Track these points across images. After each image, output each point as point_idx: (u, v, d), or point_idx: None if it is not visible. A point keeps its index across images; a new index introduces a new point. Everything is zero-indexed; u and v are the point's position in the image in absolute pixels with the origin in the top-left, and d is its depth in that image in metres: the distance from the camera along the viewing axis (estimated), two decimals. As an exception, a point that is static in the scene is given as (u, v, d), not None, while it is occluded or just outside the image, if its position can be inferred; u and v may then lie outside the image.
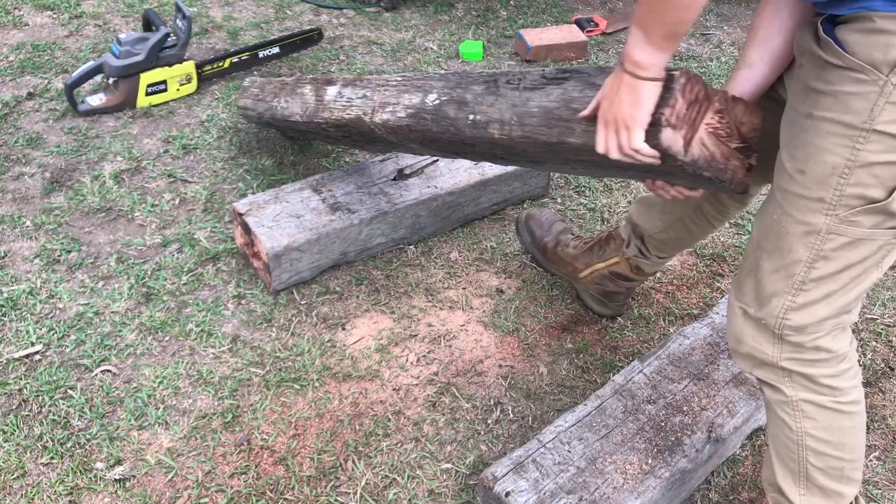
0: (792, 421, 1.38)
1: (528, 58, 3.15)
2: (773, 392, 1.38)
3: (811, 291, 1.26)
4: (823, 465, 1.38)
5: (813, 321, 1.28)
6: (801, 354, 1.32)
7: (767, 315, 1.31)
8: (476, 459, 1.71)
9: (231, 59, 2.88)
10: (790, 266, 1.26)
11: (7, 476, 1.61)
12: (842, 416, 1.35)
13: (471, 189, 2.25)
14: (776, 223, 1.27)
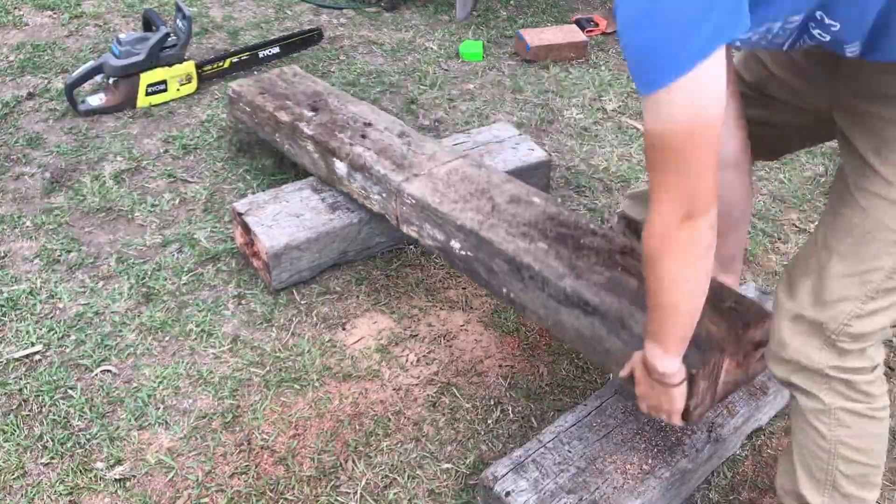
0: (826, 430, 1.35)
1: (528, 58, 3.15)
2: (808, 400, 1.36)
3: (880, 300, 1.24)
4: (852, 473, 1.36)
5: (872, 330, 1.27)
6: (848, 362, 1.29)
7: (830, 319, 1.27)
8: (476, 459, 1.71)
9: (231, 59, 2.88)
10: (869, 273, 1.24)
11: (7, 476, 1.61)
12: (874, 423, 1.34)
13: (471, 189, 2.26)
14: (857, 227, 1.24)
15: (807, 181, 2.62)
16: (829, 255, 1.28)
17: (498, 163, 2.32)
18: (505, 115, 2.82)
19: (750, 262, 2.28)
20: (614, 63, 3.21)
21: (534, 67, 3.13)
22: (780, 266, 2.27)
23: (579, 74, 3.10)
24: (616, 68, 3.16)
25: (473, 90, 2.97)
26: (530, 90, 2.98)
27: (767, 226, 2.42)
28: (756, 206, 2.48)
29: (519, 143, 2.41)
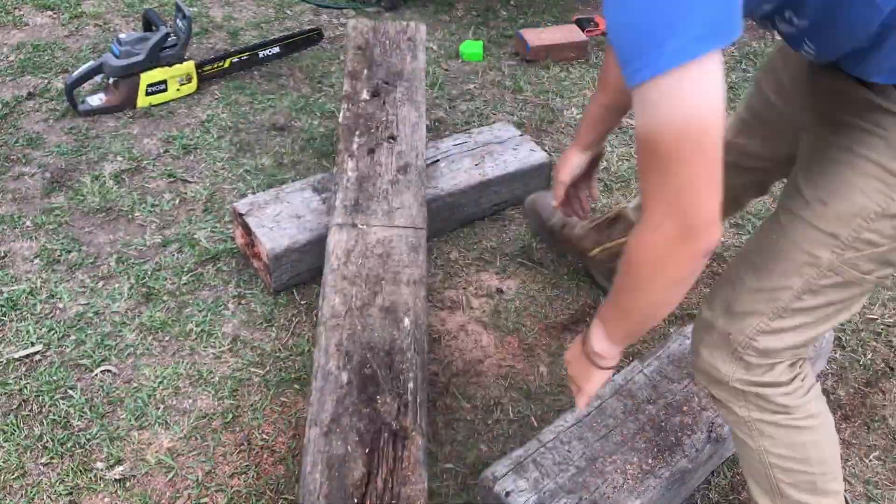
0: (750, 440, 1.36)
1: (528, 58, 3.15)
2: (727, 412, 1.36)
3: (788, 319, 1.24)
4: (793, 480, 1.36)
5: (778, 348, 1.27)
6: (755, 376, 1.29)
7: (737, 331, 1.27)
8: (476, 459, 1.71)
9: (231, 59, 2.88)
10: (778, 291, 1.23)
11: (7, 476, 1.61)
12: (800, 432, 1.33)
13: (471, 190, 2.25)
14: (774, 244, 1.24)
15: (807, 181, 2.62)
16: (746, 269, 1.28)
17: (499, 164, 2.32)
18: (505, 115, 2.82)
19: (750, 262, 2.28)
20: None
21: (534, 67, 3.13)
22: (780, 266, 2.27)
23: (579, 74, 3.10)
24: (616, 68, 3.16)
25: (473, 90, 2.97)
26: (530, 90, 2.98)
27: (767, 226, 2.41)
28: (756, 206, 2.48)
29: (520, 143, 2.41)
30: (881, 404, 1.91)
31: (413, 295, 1.75)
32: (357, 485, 1.39)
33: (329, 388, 1.55)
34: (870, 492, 1.71)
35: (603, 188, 2.51)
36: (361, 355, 1.61)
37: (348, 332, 1.66)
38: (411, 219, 1.94)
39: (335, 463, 1.43)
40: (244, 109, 2.74)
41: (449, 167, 2.29)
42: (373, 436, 1.47)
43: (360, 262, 1.82)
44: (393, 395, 1.54)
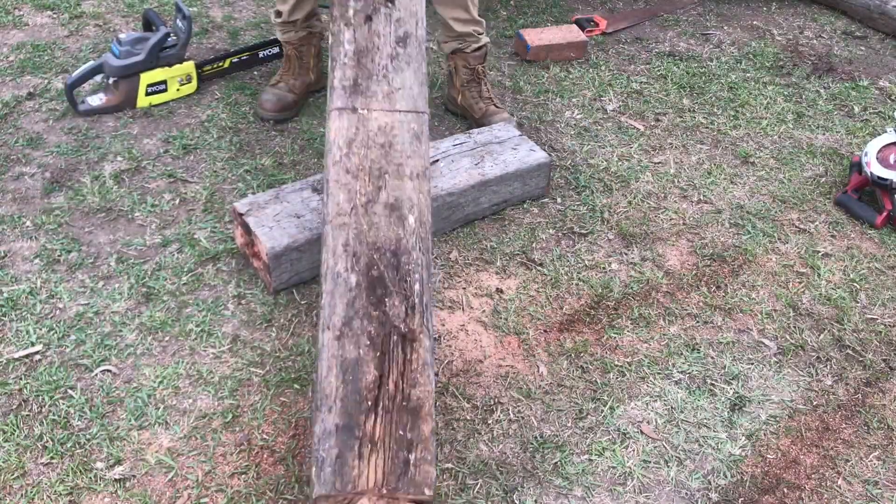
0: None
1: (528, 58, 3.15)
2: None
3: None
4: None
5: None
6: None
7: None
8: (476, 459, 1.71)
9: (231, 59, 2.88)
10: None
11: (7, 476, 1.62)
12: None
13: (471, 189, 2.25)
14: None
15: (807, 181, 2.62)
16: None
17: (498, 164, 2.32)
18: (505, 115, 2.82)
19: (750, 261, 2.28)
20: (614, 63, 3.21)
21: (534, 67, 3.13)
22: (780, 266, 2.28)
23: (579, 74, 3.10)
24: (616, 68, 3.17)
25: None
26: (530, 90, 2.98)
27: (767, 226, 2.42)
28: (756, 206, 2.49)
29: (519, 143, 2.41)
30: (881, 404, 1.91)
31: (417, 190, 1.71)
32: (370, 387, 1.44)
33: (339, 291, 1.57)
34: (870, 492, 1.71)
35: (602, 188, 2.51)
36: (368, 256, 1.61)
37: (354, 230, 1.64)
38: (413, 101, 1.83)
39: (349, 367, 1.46)
40: (244, 109, 2.74)
41: (448, 167, 2.29)
42: (383, 339, 1.50)
43: (363, 152, 1.74)
44: (400, 297, 1.56)
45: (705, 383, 1.92)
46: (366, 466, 1.37)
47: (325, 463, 1.38)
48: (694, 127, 2.85)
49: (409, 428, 1.41)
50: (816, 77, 3.20)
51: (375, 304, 1.55)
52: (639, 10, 3.66)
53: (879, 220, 2.42)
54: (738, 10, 3.72)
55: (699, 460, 1.75)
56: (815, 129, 2.89)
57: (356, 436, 1.40)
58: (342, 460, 1.38)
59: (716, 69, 3.20)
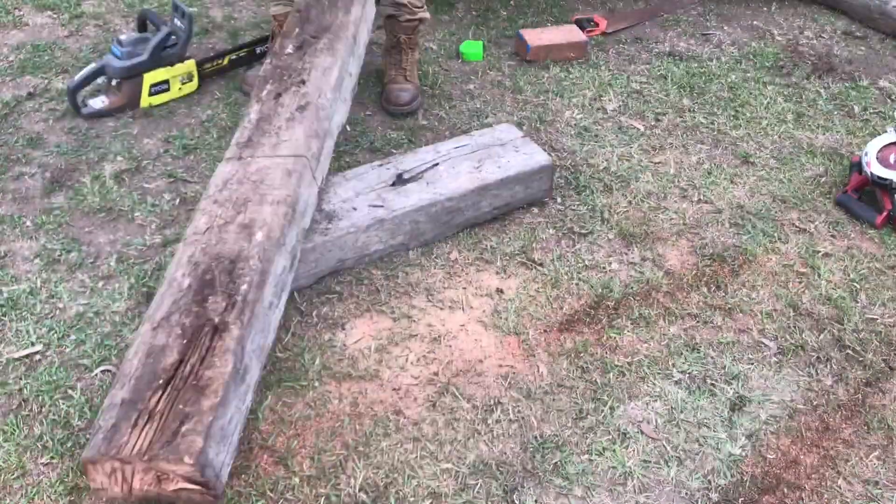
0: None
1: (528, 58, 3.15)
2: None
3: None
4: None
5: None
6: None
7: None
8: (476, 459, 1.71)
9: (230, 57, 2.89)
10: None
11: (7, 476, 1.62)
12: None
13: (471, 194, 2.24)
14: None
15: (807, 181, 2.62)
16: None
17: (500, 167, 2.31)
18: (505, 116, 2.82)
19: (750, 261, 2.28)
20: (614, 63, 3.21)
21: (534, 67, 3.13)
22: (780, 266, 2.28)
23: (579, 74, 3.10)
24: (616, 68, 3.16)
25: (473, 90, 2.97)
26: (530, 90, 2.98)
27: (767, 226, 2.42)
28: (756, 206, 2.49)
29: (520, 146, 2.40)
30: (881, 404, 1.91)
31: (273, 213, 1.82)
32: (167, 369, 1.50)
33: (170, 292, 1.66)
34: (870, 492, 1.71)
35: (602, 188, 2.51)
36: (207, 264, 1.70)
37: (203, 245, 1.74)
38: (296, 149, 1.99)
39: (154, 352, 1.53)
40: (244, 109, 2.74)
41: (448, 171, 2.28)
42: (195, 329, 1.57)
43: (235, 187, 1.89)
44: (224, 296, 1.63)
45: (705, 383, 1.92)
46: (136, 435, 1.42)
47: (100, 431, 1.43)
48: (694, 127, 2.85)
49: (190, 402, 1.45)
50: (816, 77, 3.20)
51: (199, 303, 1.63)
52: (639, 10, 3.66)
53: (879, 220, 2.42)
54: (738, 10, 3.72)
55: (699, 460, 1.75)
56: (815, 129, 2.89)
57: (137, 409, 1.45)
58: (116, 429, 1.43)
59: (716, 69, 3.20)
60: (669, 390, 1.89)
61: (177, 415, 1.43)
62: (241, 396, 1.56)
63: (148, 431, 1.42)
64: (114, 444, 1.41)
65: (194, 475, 1.39)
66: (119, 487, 1.43)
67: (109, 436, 1.42)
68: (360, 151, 2.60)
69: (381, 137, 2.67)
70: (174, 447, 1.39)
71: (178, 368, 1.50)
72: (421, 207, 2.17)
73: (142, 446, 1.40)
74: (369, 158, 2.54)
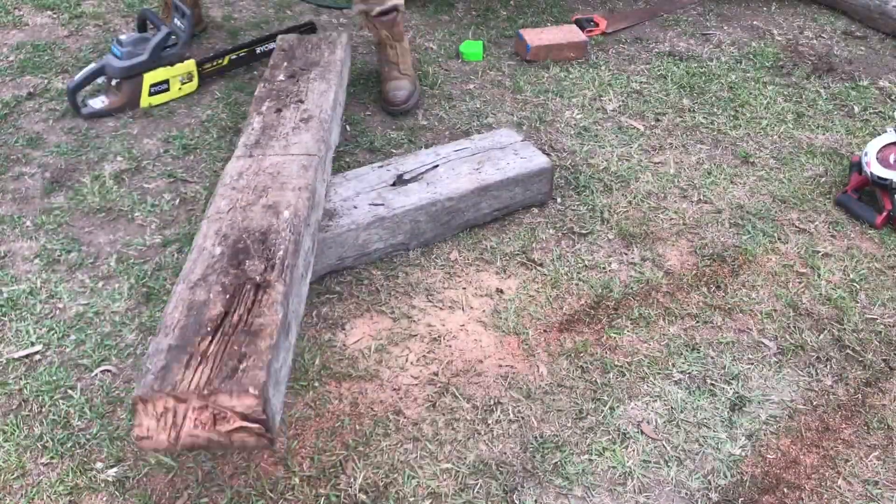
0: None
1: (528, 58, 3.15)
2: None
3: None
4: None
5: None
6: None
7: None
8: (476, 459, 1.71)
9: (230, 56, 2.89)
10: None
11: (7, 476, 1.62)
12: None
13: (471, 195, 2.25)
14: None
15: (807, 181, 2.63)
16: None
17: (499, 169, 2.31)
18: (505, 116, 2.82)
19: (750, 261, 2.28)
20: (614, 63, 3.21)
21: (534, 67, 3.13)
22: (780, 266, 2.28)
23: (579, 74, 3.10)
24: (616, 68, 3.16)
25: (473, 90, 2.97)
26: (530, 90, 2.98)
27: (767, 226, 2.42)
28: (756, 206, 2.49)
29: (520, 149, 2.40)
30: (881, 404, 1.91)
31: (297, 196, 1.83)
32: (213, 319, 1.48)
33: (202, 258, 1.64)
34: (870, 492, 1.71)
35: (602, 188, 2.51)
36: (237, 236, 1.70)
37: (228, 222, 1.74)
38: (306, 149, 2.03)
39: (195, 306, 1.51)
40: (244, 109, 2.74)
41: (449, 172, 2.28)
42: (236, 287, 1.56)
43: (251, 177, 1.90)
44: (262, 259, 1.63)
45: (705, 383, 1.92)
46: (191, 374, 1.36)
47: (150, 373, 1.37)
48: (694, 127, 2.85)
49: (245, 344, 1.42)
50: (816, 77, 3.20)
51: (235, 266, 1.61)
52: (639, 10, 3.66)
53: (879, 220, 2.42)
54: (738, 10, 3.72)
55: (699, 460, 1.75)
56: (815, 129, 2.89)
57: (187, 352, 1.40)
58: (167, 370, 1.37)
59: (716, 69, 3.20)
60: (669, 390, 1.89)
61: (232, 354, 1.38)
62: (287, 351, 1.51)
63: (203, 370, 1.35)
64: (168, 381, 1.33)
65: (257, 410, 1.32)
66: (167, 434, 1.34)
67: (162, 374, 1.35)
68: (360, 151, 2.60)
69: (380, 137, 2.67)
70: (236, 380, 1.33)
71: (226, 318, 1.46)
72: (421, 207, 2.17)
73: (199, 384, 1.33)
74: (369, 158, 2.54)
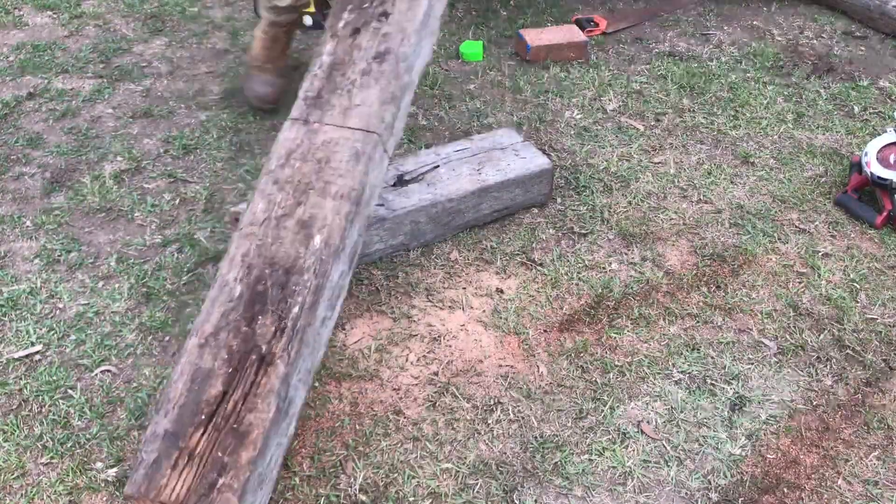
0: None
1: (528, 58, 3.15)
2: None
3: None
4: None
5: None
6: None
7: None
8: (476, 459, 1.71)
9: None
10: None
11: (7, 476, 1.62)
12: None
13: (471, 196, 2.25)
14: None
15: (807, 181, 2.62)
16: None
17: (500, 170, 2.30)
18: (505, 116, 2.82)
19: (750, 261, 2.28)
20: (614, 63, 3.21)
21: (534, 67, 3.13)
22: (780, 266, 2.28)
23: (579, 74, 3.10)
24: (616, 68, 3.16)
25: (473, 90, 2.97)
26: (530, 90, 2.98)
27: (767, 226, 2.42)
28: (756, 206, 2.49)
29: (521, 149, 2.40)
30: (881, 404, 1.91)
31: (334, 211, 1.73)
32: (210, 402, 1.47)
33: (221, 299, 1.60)
34: (870, 492, 1.71)
35: (602, 188, 2.51)
36: (261, 270, 1.65)
37: (258, 243, 1.69)
38: (367, 119, 1.83)
39: (200, 376, 1.50)
40: (244, 109, 2.74)
41: (449, 173, 2.28)
42: (241, 356, 1.53)
43: (297, 164, 1.77)
44: (275, 317, 1.58)
45: (705, 383, 1.92)
46: (176, 478, 1.40)
47: (142, 465, 1.42)
48: (694, 127, 2.85)
49: (228, 451, 1.43)
50: (816, 77, 3.20)
51: (248, 321, 1.58)
52: (639, 10, 3.66)
53: (879, 220, 2.42)
54: (738, 10, 3.72)
55: (699, 460, 1.75)
56: (815, 129, 2.89)
57: (178, 446, 1.43)
58: (157, 466, 1.41)
59: (716, 69, 3.20)
60: (669, 390, 1.89)
61: (215, 464, 1.42)
62: (283, 432, 1.54)
63: (187, 477, 1.41)
64: (153, 484, 1.41)
65: None
66: None
67: (151, 473, 1.41)
68: (360, 151, 2.60)
69: (381, 137, 2.66)
70: (210, 502, 1.39)
71: (221, 403, 1.49)
72: (422, 208, 2.17)
73: (179, 494, 1.40)
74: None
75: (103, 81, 2.85)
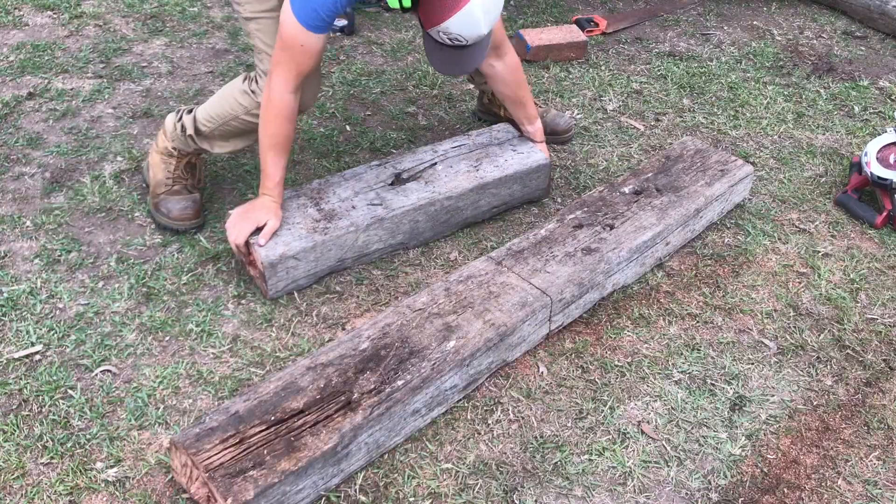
0: None
1: (528, 58, 3.15)
2: None
3: None
4: None
5: None
6: None
7: None
8: (476, 459, 1.71)
9: None
10: None
11: (7, 476, 1.62)
12: None
13: (470, 193, 2.25)
14: None
15: (807, 181, 2.63)
16: None
17: (497, 166, 2.31)
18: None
19: (750, 261, 2.28)
20: (614, 63, 3.21)
21: (534, 67, 3.12)
22: (780, 266, 2.28)
23: (579, 74, 3.10)
24: (616, 68, 3.16)
25: (473, 90, 2.97)
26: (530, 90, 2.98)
27: (767, 226, 2.42)
28: (756, 206, 2.49)
29: (518, 144, 2.41)
30: (881, 404, 1.91)
31: (479, 332, 1.82)
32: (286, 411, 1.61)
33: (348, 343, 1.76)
34: (870, 492, 1.71)
35: (603, 188, 2.51)
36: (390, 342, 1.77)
37: (404, 321, 1.82)
38: (548, 284, 1.95)
39: (291, 388, 1.65)
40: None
41: (447, 171, 2.28)
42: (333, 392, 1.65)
43: (472, 287, 1.93)
44: (380, 377, 1.69)
45: (705, 383, 1.92)
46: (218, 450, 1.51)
47: (200, 425, 1.56)
48: (694, 127, 2.85)
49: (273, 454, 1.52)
50: (816, 77, 3.20)
51: (356, 371, 1.70)
52: (639, 10, 3.66)
53: (879, 220, 2.42)
54: (738, 10, 3.72)
55: (699, 460, 1.75)
56: (815, 129, 2.89)
57: (238, 428, 1.55)
58: (210, 433, 1.54)
59: (716, 69, 3.20)
60: (669, 390, 1.89)
61: (256, 457, 1.51)
62: (327, 477, 1.59)
63: (227, 454, 1.50)
64: (198, 445, 1.51)
65: None
66: (185, 479, 1.56)
67: (202, 435, 1.53)
68: (360, 151, 2.60)
69: (381, 137, 2.67)
70: (230, 484, 1.46)
71: (294, 416, 1.59)
72: (420, 206, 2.17)
73: (212, 463, 1.48)
74: (369, 158, 2.54)
75: (103, 81, 2.85)
